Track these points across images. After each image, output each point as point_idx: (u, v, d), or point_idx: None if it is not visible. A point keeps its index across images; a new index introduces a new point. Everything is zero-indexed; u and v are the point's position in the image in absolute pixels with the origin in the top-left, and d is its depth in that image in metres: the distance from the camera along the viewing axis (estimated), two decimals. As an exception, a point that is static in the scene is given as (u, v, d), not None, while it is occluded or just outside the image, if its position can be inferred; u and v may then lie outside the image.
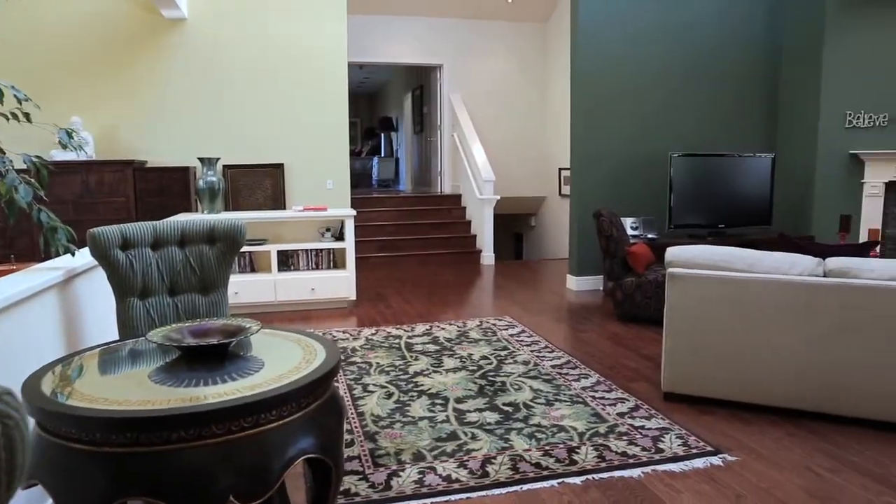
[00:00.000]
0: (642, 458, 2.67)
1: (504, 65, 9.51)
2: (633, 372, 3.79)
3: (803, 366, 3.00)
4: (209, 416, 1.41)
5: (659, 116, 6.31)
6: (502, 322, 4.93)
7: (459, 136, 9.04)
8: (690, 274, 3.14)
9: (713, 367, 3.16)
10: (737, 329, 3.08)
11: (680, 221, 5.92)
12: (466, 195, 8.74)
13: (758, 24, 6.50)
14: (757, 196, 6.13)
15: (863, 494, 2.41)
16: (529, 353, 4.13)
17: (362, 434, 2.91)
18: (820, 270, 3.02)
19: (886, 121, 5.83)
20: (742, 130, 6.59)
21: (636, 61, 6.18)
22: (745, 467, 2.62)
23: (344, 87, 7.17)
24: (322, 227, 5.70)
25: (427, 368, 3.82)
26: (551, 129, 9.48)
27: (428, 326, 4.82)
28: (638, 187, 6.28)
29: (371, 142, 16.05)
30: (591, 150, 6.12)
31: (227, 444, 1.43)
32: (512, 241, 11.12)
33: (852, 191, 5.99)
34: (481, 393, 3.41)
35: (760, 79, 6.57)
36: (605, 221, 5.02)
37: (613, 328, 4.81)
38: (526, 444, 2.79)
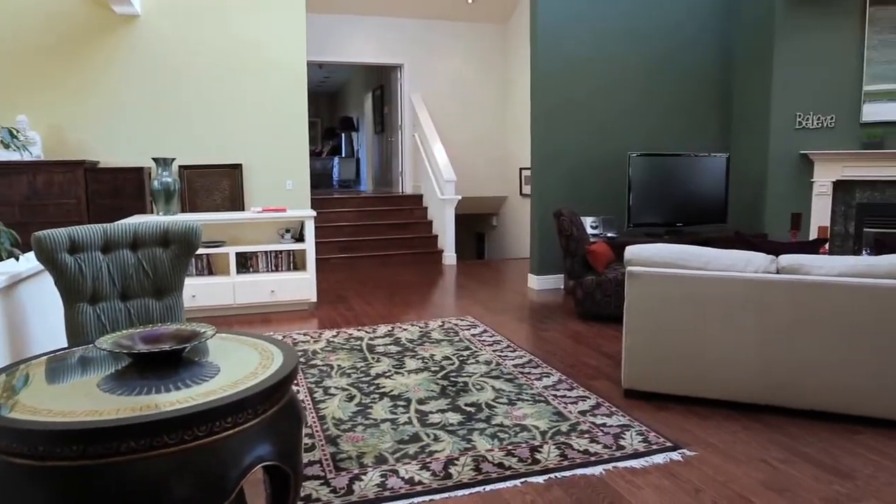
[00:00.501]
0: (604, 455, 2.69)
1: (465, 65, 9.53)
2: (593, 370, 3.83)
3: (757, 361, 3.07)
4: (161, 425, 1.36)
5: (618, 117, 6.39)
6: (464, 322, 4.93)
7: (420, 136, 9.03)
8: (649, 272, 3.18)
9: (671, 363, 3.21)
10: (694, 326, 3.14)
11: (639, 220, 6.01)
12: (428, 195, 8.73)
13: (713, 30, 6.64)
14: (712, 195, 6.26)
15: (814, 484, 2.48)
16: (491, 352, 4.14)
17: (324, 438, 2.87)
18: (773, 267, 3.09)
19: (834, 122, 6.02)
20: (698, 131, 6.72)
21: (596, 63, 6.25)
22: (703, 461, 2.66)
23: (303, 86, 7.09)
24: (281, 228, 5.61)
25: (389, 370, 3.80)
26: (512, 129, 9.54)
27: (389, 328, 4.79)
28: (598, 187, 6.35)
29: (332, 142, 15.91)
30: (552, 150, 6.17)
31: (181, 453, 1.38)
32: (474, 240, 11.15)
33: (802, 190, 6.17)
34: (443, 394, 3.39)
35: (716, 81, 6.72)
36: (566, 221, 5.06)
37: (574, 326, 4.85)
38: (488, 444, 2.79)
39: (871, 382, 2.94)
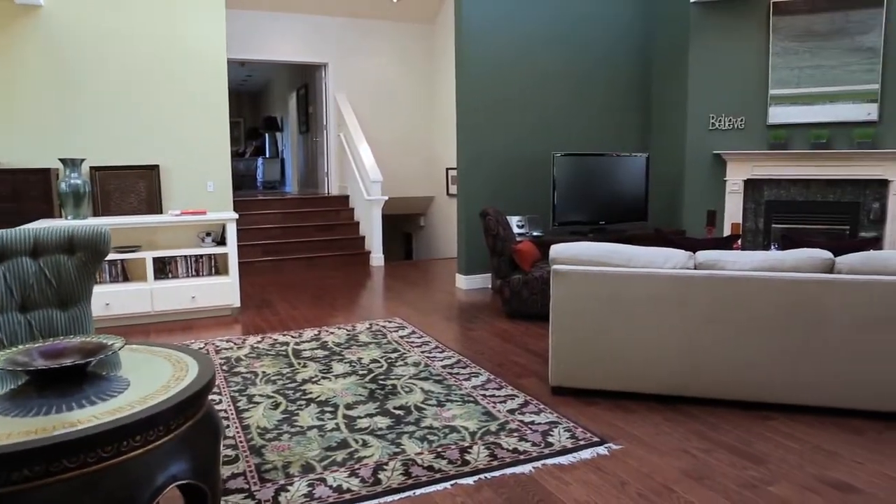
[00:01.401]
0: (533, 453, 2.71)
1: (390, 65, 9.47)
2: (521, 368, 3.86)
3: (677, 354, 3.17)
4: (59, 448, 1.26)
5: (543, 118, 6.49)
6: (392, 324, 4.88)
7: (346, 136, 8.91)
8: (573, 270, 3.23)
9: (597, 359, 3.27)
10: (617, 322, 3.21)
11: (563, 219, 6.12)
12: (354, 196, 8.62)
13: (634, 36, 6.84)
14: (634, 193, 6.45)
15: (731, 471, 2.57)
16: (420, 354, 4.11)
17: (248, 448, 2.76)
18: (691, 263, 3.20)
19: (744, 123, 6.32)
20: (620, 132, 6.92)
21: (521, 65, 6.32)
22: (628, 454, 2.72)
23: (224, 84, 6.86)
24: (202, 231, 5.41)
25: (316, 375, 3.71)
26: (439, 130, 9.55)
27: (316, 331, 4.69)
28: (523, 186, 6.43)
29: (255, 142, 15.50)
30: (478, 150, 6.21)
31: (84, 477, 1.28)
32: (402, 241, 11.10)
33: (717, 188, 6.44)
34: (372, 397, 3.34)
35: (636, 84, 6.93)
36: (492, 220, 5.10)
37: (502, 325, 4.88)
38: (418, 447, 2.76)
39: (781, 370, 3.08)
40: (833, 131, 6.05)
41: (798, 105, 6.14)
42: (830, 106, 6.04)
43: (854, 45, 5.93)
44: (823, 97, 6.06)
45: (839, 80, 6.00)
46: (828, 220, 6.22)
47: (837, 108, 6.02)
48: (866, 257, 3.05)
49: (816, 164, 6.09)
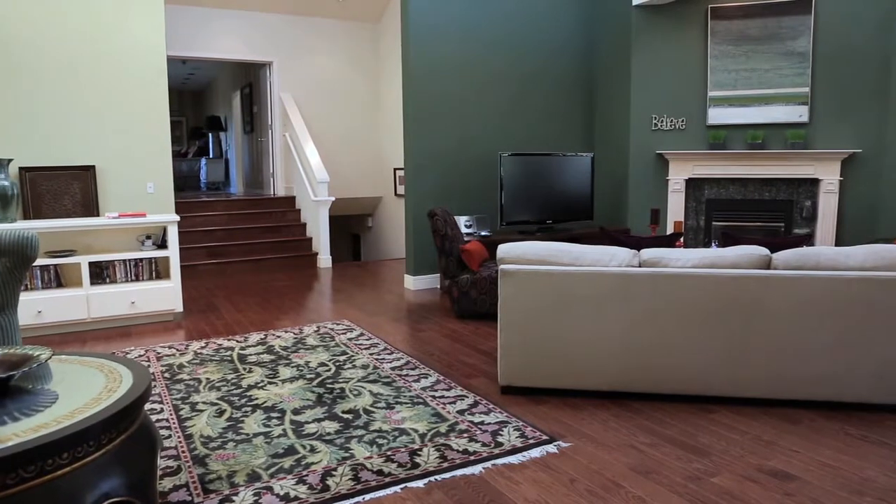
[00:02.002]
0: (483, 453, 2.70)
1: (336, 64, 9.36)
2: (471, 368, 3.86)
3: (623, 350, 3.22)
4: (-25, 469, 1.18)
5: (490, 118, 6.52)
6: (340, 326, 4.82)
7: (292, 136, 8.76)
8: (521, 269, 3.24)
9: (545, 357, 3.29)
10: (564, 320, 3.24)
11: (511, 218, 6.16)
12: (301, 197, 8.48)
13: (578, 39, 6.94)
14: (580, 193, 6.54)
15: (677, 464, 2.62)
16: (368, 356, 4.06)
17: (190, 458, 2.67)
18: (636, 261, 3.25)
19: (685, 124, 6.48)
20: (566, 132, 7.00)
21: (468, 65, 6.33)
22: (577, 452, 2.75)
23: (163, 82, 6.64)
24: (141, 234, 5.22)
25: (262, 380, 3.62)
26: (386, 130, 9.49)
27: (262, 335, 4.58)
28: (471, 186, 6.44)
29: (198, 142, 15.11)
30: (425, 150, 6.19)
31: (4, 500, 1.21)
32: (350, 242, 10.99)
33: (660, 187, 6.59)
34: (320, 402, 3.28)
35: (581, 85, 7.03)
36: (440, 220, 5.09)
37: (451, 325, 4.88)
38: (367, 451, 2.72)
39: (722, 364, 3.16)
40: (768, 132, 6.27)
41: (735, 106, 6.33)
42: (765, 107, 6.26)
43: (786, 49, 6.15)
44: (758, 99, 6.27)
45: (772, 83, 6.22)
46: (764, 218, 6.44)
47: (771, 109, 6.24)
48: (800, 253, 3.16)
49: (753, 164, 6.30)
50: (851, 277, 3.03)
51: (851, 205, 6.17)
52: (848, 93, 6.05)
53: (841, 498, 2.37)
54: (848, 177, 6.13)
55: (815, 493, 2.40)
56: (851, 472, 2.56)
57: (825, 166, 6.14)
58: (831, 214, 6.18)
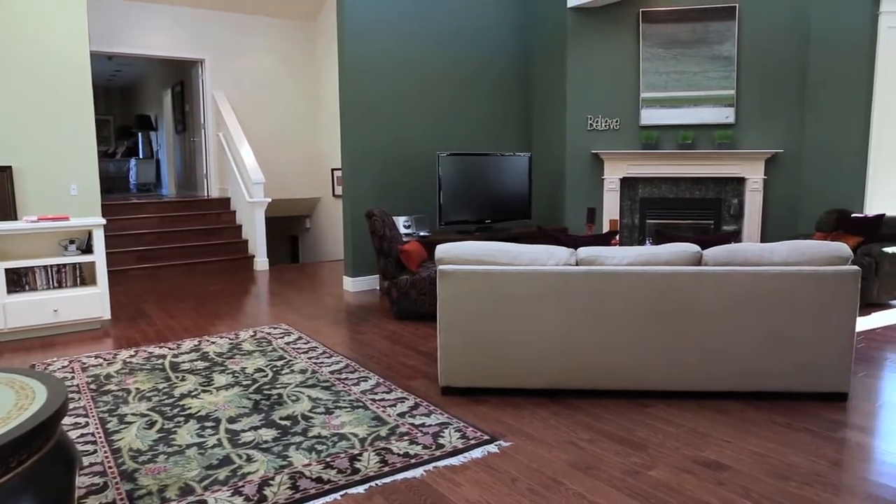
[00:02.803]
0: (424, 456, 2.68)
1: (272, 62, 9.16)
2: (411, 369, 3.83)
3: (562, 348, 3.25)
4: None
5: (429, 118, 6.50)
6: (278, 330, 4.71)
7: (226, 136, 8.52)
8: (459, 270, 3.23)
9: (485, 357, 3.29)
10: (503, 319, 3.25)
11: (450, 218, 6.16)
12: (236, 198, 8.27)
13: (516, 41, 7.01)
14: (518, 192, 6.60)
15: (615, 459, 2.67)
16: (307, 360, 3.98)
17: (118, 474, 2.55)
18: (573, 260, 3.29)
19: (619, 124, 6.63)
20: (504, 132, 7.06)
21: (405, 65, 6.30)
22: (518, 451, 2.76)
23: (87, 79, 6.34)
24: (64, 239, 4.97)
25: (195, 389, 3.50)
26: (323, 129, 9.35)
27: (196, 342, 4.43)
28: (410, 186, 6.41)
29: (127, 142, 14.53)
30: (362, 150, 6.12)
31: None
32: (287, 244, 10.79)
33: (595, 186, 6.72)
34: (256, 409, 3.19)
35: (519, 86, 7.09)
36: (378, 221, 5.04)
37: (391, 327, 4.84)
38: (306, 458, 2.65)
39: (657, 359, 3.24)
40: (697, 132, 6.48)
41: (667, 108, 6.52)
42: (694, 109, 6.46)
43: (713, 53, 6.37)
44: (688, 101, 6.47)
45: (701, 86, 6.43)
46: (695, 216, 6.65)
47: (700, 111, 6.45)
48: (728, 250, 3.26)
49: (684, 164, 6.49)
50: (776, 272, 3.16)
51: (775, 202, 6.44)
52: (770, 96, 6.32)
53: (768, 484, 2.46)
54: (771, 176, 6.40)
55: (745, 481, 2.48)
56: (778, 459, 2.66)
57: (750, 166, 6.39)
58: (757, 212, 6.44)
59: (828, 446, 2.78)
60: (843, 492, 2.41)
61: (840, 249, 3.20)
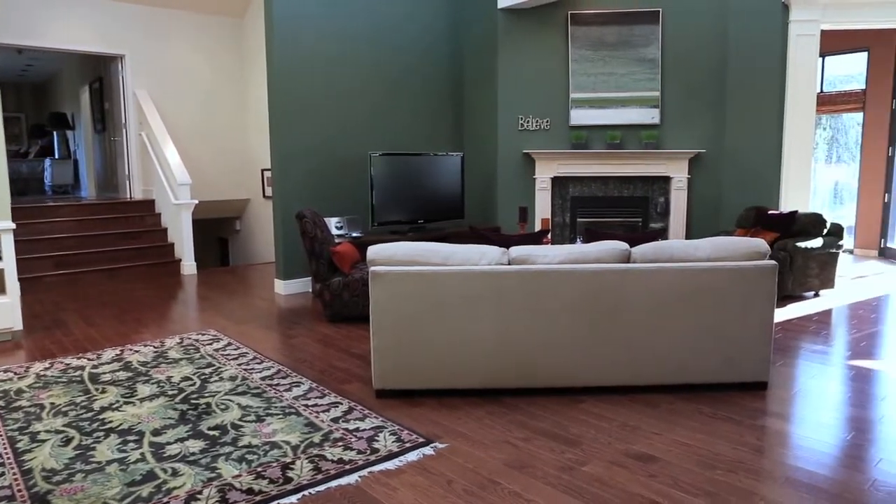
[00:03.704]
0: (358, 461, 2.63)
1: (198, 59, 8.86)
2: (345, 373, 3.77)
3: (496, 347, 3.26)
4: None
5: (360, 118, 6.43)
6: (206, 336, 4.55)
7: (149, 135, 8.19)
8: (391, 271, 3.20)
9: (419, 358, 3.27)
10: (437, 320, 3.23)
11: (383, 219, 6.11)
12: (161, 200, 7.95)
13: (447, 37, 7.01)
14: (451, 192, 6.61)
15: (550, 456, 2.69)
16: (237, 367, 3.86)
17: (28, 497, 2.39)
18: (505, 259, 3.31)
19: (549, 125, 6.73)
20: (435, 131, 7.05)
21: (335, 63, 6.20)
22: (454, 452, 2.74)
23: (-9, 75, 5.96)
24: (-32, 245, 4.65)
25: (117, 401, 3.33)
26: (253, 129, 9.12)
27: (118, 351, 4.23)
28: (341, 187, 6.32)
29: (41, 141, 13.76)
30: (293, 150, 5.99)
31: None
32: (217, 246, 10.47)
33: (527, 185, 6.80)
34: (183, 420, 3.07)
35: (450, 84, 7.10)
36: (308, 222, 4.94)
37: (324, 330, 4.75)
38: (235, 469, 2.56)
39: (589, 355, 3.29)
40: (625, 133, 6.65)
41: (595, 108, 6.66)
42: (622, 110, 6.63)
43: (638, 55, 6.55)
44: (616, 101, 6.63)
45: (628, 87, 6.60)
46: (624, 214, 6.83)
47: (627, 111, 6.62)
48: (655, 247, 3.35)
49: (612, 163, 6.65)
50: (700, 268, 3.26)
51: (698, 200, 6.68)
52: (692, 98, 6.55)
53: (696, 473, 2.53)
54: (694, 175, 6.63)
55: (675, 472, 2.55)
56: (704, 448, 2.75)
57: (675, 165, 6.60)
58: (682, 210, 6.67)
59: (750, 434, 2.89)
60: (764, 476, 2.51)
61: (758, 245, 3.34)
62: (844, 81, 8.44)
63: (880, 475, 2.52)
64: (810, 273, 5.62)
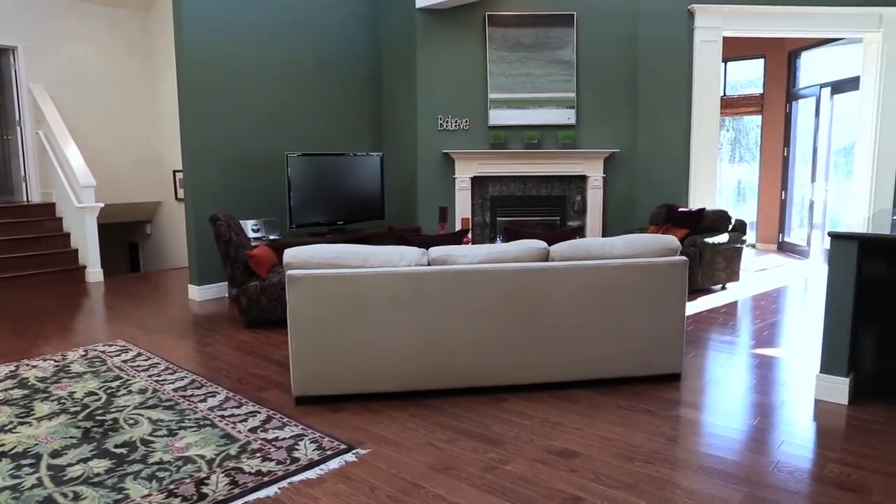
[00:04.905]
0: (278, 472, 2.54)
1: (101, 54, 8.38)
2: (263, 380, 3.65)
3: (418, 349, 3.24)
4: None
5: (276, 117, 6.25)
6: (114, 347, 4.30)
7: (47, 134, 7.68)
8: (309, 274, 3.11)
9: (340, 363, 3.20)
10: (357, 323, 3.17)
11: (301, 221, 5.97)
12: (62, 204, 7.48)
13: (365, 36, 6.92)
14: (371, 193, 6.53)
15: (473, 456, 2.69)
16: (147, 378, 3.66)
17: None
18: (424, 260, 3.29)
19: (468, 125, 6.76)
20: (354, 131, 6.95)
21: (249, 62, 6.00)
22: (376, 457, 2.70)
23: None
24: None
25: (10, 422, 3.09)
26: (163, 128, 8.72)
27: (13, 367, 3.93)
28: (257, 188, 6.14)
29: (-77, 141, 12.69)
30: (205, 150, 5.76)
31: None
32: (126, 252, 9.96)
33: (447, 185, 6.81)
34: (87, 438, 2.87)
35: (369, 84, 7.02)
36: (223, 225, 4.76)
37: (241, 336, 4.59)
38: (145, 488, 2.42)
39: (511, 354, 3.32)
40: (543, 133, 6.77)
41: (513, 108, 6.75)
42: (539, 110, 6.74)
43: (554, 57, 6.69)
44: (533, 102, 6.74)
45: (545, 88, 6.73)
46: (543, 213, 6.95)
47: (544, 112, 6.75)
48: (573, 245, 3.41)
49: (531, 162, 6.76)
50: (616, 265, 3.34)
51: (613, 199, 6.88)
52: (606, 99, 6.74)
53: (615, 466, 2.59)
54: (610, 174, 6.83)
55: (595, 466, 2.59)
56: (623, 441, 2.82)
57: (591, 164, 6.78)
58: (598, 208, 6.85)
59: (665, 425, 2.99)
60: (679, 465, 2.60)
61: (670, 241, 3.46)
62: (744, 86, 8.92)
63: (783, 457, 2.66)
64: (718, 267, 5.89)
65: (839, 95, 7.48)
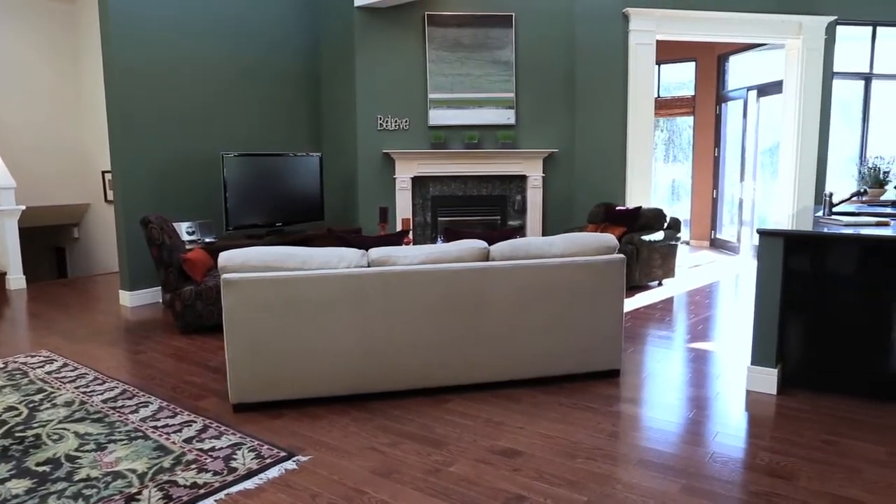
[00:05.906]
0: (215, 484, 2.45)
1: (21, 48, 7.96)
2: (200, 388, 3.52)
3: (360, 352, 3.19)
4: None
5: (210, 116, 6.06)
6: (37, 359, 4.08)
7: (-39, 133, 7.25)
8: (245, 278, 3.02)
9: (279, 369, 3.12)
10: (295, 327, 3.10)
11: (238, 222, 5.82)
12: (-21, 207, 7.06)
13: (302, 34, 6.79)
14: (309, 193, 6.42)
15: (416, 459, 2.66)
16: (74, 390, 3.49)
17: None
18: (364, 261, 3.24)
19: (408, 124, 6.73)
20: (294, 131, 6.82)
21: (183, 57, 5.80)
22: (317, 464, 2.64)
23: None
24: None
25: (-79, 440, 2.89)
26: (91, 126, 8.35)
27: (-75, 382, 3.68)
28: (192, 189, 5.94)
29: None
30: (135, 149, 5.54)
31: None
32: (52, 257, 9.49)
33: (388, 185, 6.76)
34: (5, 457, 2.71)
35: (306, 83, 6.89)
36: (155, 228, 4.58)
37: (176, 343, 4.43)
38: (70, 506, 2.30)
39: (453, 354, 3.30)
40: (482, 133, 6.79)
41: (453, 108, 6.75)
42: (479, 110, 6.77)
43: (493, 58, 6.72)
44: (473, 102, 6.76)
45: (484, 88, 6.75)
46: (483, 212, 6.98)
47: (484, 112, 6.77)
48: (513, 245, 3.43)
49: (471, 162, 6.78)
50: (555, 264, 3.38)
51: (553, 198, 6.97)
52: (545, 99, 6.82)
53: (558, 464, 2.61)
54: (549, 173, 6.92)
55: (538, 464, 2.61)
56: (565, 439, 2.84)
57: (530, 164, 6.85)
58: (538, 207, 6.93)
59: (606, 421, 3.03)
60: (620, 460, 2.64)
61: (608, 240, 3.52)
62: (677, 88, 9.20)
63: (718, 448, 2.74)
64: (654, 264, 6.04)
65: (765, 98, 7.79)
